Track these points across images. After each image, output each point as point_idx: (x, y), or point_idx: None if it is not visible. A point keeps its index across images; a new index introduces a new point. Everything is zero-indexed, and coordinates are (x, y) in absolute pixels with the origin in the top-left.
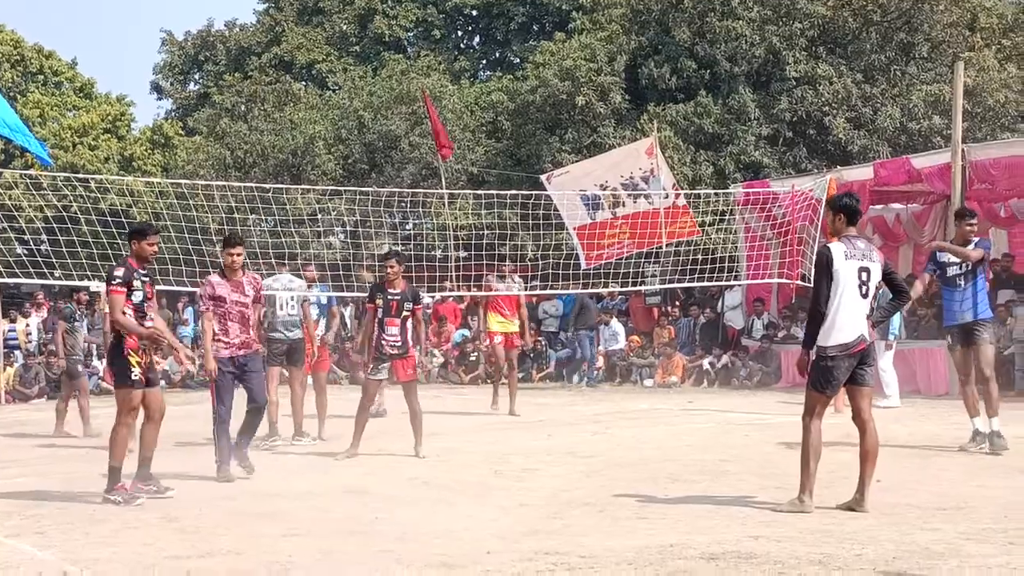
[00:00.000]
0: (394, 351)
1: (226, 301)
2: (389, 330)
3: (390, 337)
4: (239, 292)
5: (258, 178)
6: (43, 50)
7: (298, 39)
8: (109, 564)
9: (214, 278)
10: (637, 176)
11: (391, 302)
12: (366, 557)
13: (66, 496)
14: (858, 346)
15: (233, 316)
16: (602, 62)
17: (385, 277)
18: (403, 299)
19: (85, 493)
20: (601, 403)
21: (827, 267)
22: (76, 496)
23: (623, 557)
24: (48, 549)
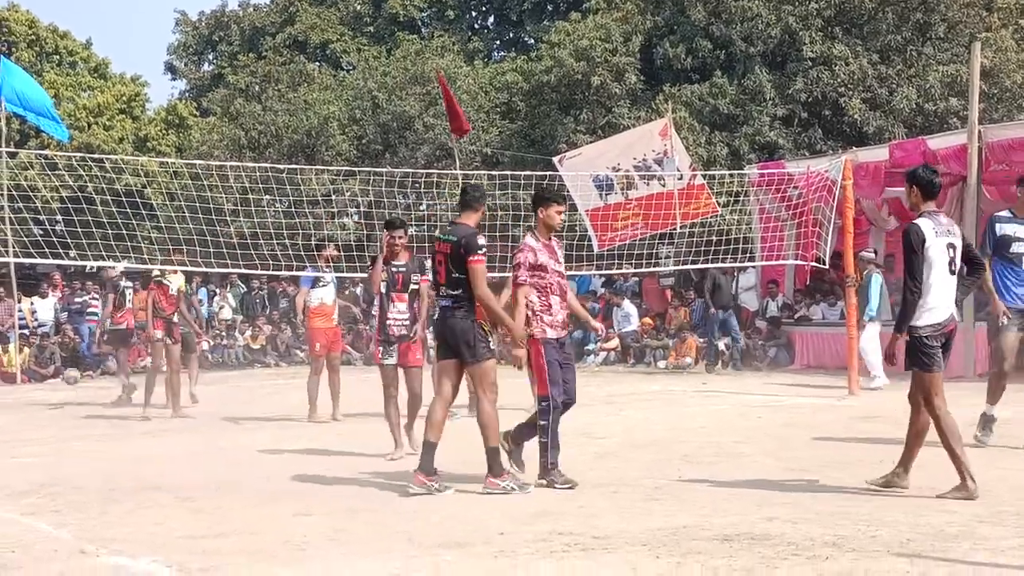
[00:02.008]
0: (402, 331)
1: (547, 271)
2: (396, 307)
3: (398, 316)
4: (556, 260)
5: (272, 159)
6: (58, 30)
7: (312, 19)
8: (125, 543)
9: (532, 242)
10: (650, 158)
11: (396, 275)
12: (379, 537)
13: (82, 475)
14: (949, 325)
15: (555, 289)
16: (617, 42)
17: (388, 249)
18: (409, 271)
19: (100, 472)
20: (614, 384)
21: (920, 245)
22: (91, 475)
23: (637, 538)
24: (64, 527)
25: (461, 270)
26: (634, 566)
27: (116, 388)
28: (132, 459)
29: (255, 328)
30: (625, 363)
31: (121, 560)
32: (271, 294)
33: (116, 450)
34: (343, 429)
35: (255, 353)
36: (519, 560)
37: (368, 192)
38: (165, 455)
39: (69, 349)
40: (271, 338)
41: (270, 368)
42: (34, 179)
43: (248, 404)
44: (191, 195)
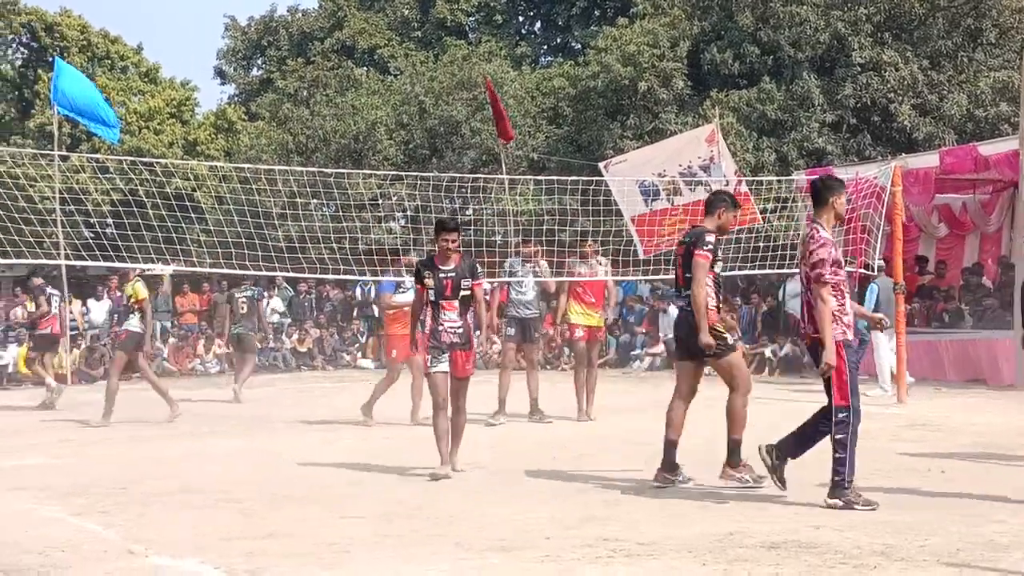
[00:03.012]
0: (455, 340)
1: (842, 266)
2: (447, 315)
3: (449, 323)
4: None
5: (320, 163)
6: (109, 35)
7: (360, 24)
8: (171, 544)
9: (827, 234)
10: (696, 165)
11: (444, 281)
12: (424, 540)
13: (128, 476)
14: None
15: (845, 286)
16: (664, 47)
17: (438, 251)
18: (459, 276)
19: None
20: (661, 390)
21: None
22: (138, 475)
23: (682, 545)
24: (111, 528)
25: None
26: (679, 573)
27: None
28: (179, 460)
29: (302, 331)
30: (671, 368)
31: (168, 561)
32: (318, 298)
33: (163, 451)
34: (393, 433)
35: (302, 356)
36: (564, 565)
37: (415, 196)
38: (213, 456)
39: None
40: (318, 341)
41: (317, 371)
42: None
43: (295, 407)
44: (239, 199)
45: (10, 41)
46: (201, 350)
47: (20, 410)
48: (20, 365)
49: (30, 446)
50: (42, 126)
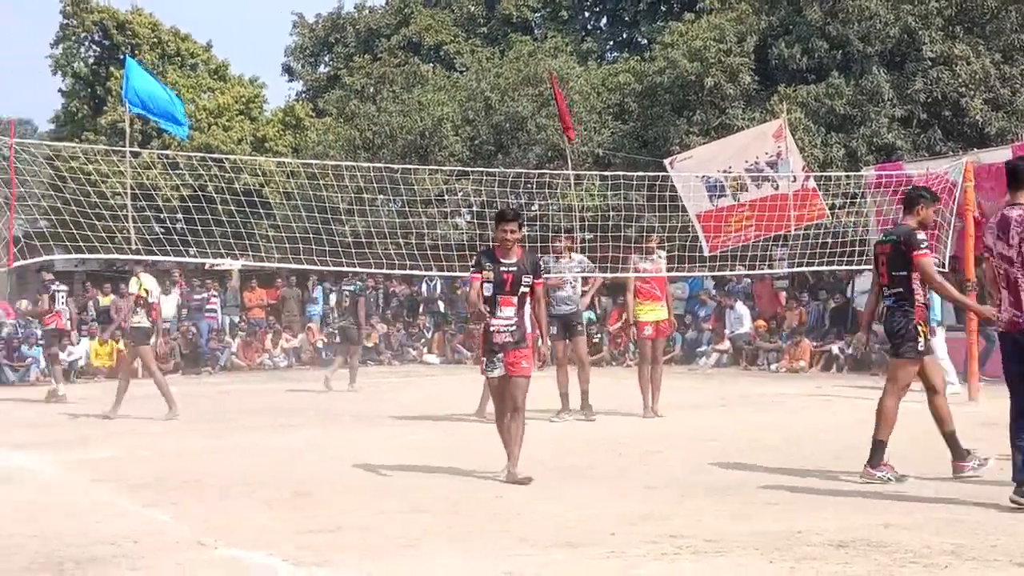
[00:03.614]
0: (508, 339)
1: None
2: (503, 311)
3: (504, 322)
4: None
5: (386, 159)
6: (179, 33)
7: (426, 21)
8: (241, 536)
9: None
10: (762, 161)
11: (504, 275)
12: (490, 534)
13: (199, 468)
14: None
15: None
16: (731, 42)
17: (499, 243)
18: (520, 271)
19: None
20: (727, 387)
21: None
22: (208, 468)
23: (749, 542)
24: (182, 520)
25: (901, 268)
26: (746, 570)
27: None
28: (249, 453)
29: (369, 326)
30: (737, 365)
31: (238, 553)
32: (385, 293)
33: (234, 444)
34: (459, 428)
35: (369, 351)
36: (629, 561)
37: (480, 192)
38: (282, 450)
39: (189, 344)
40: (384, 337)
41: (384, 366)
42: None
43: (363, 402)
44: (307, 194)
45: (83, 39)
46: (269, 344)
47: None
48: (91, 358)
49: (103, 438)
50: (114, 123)
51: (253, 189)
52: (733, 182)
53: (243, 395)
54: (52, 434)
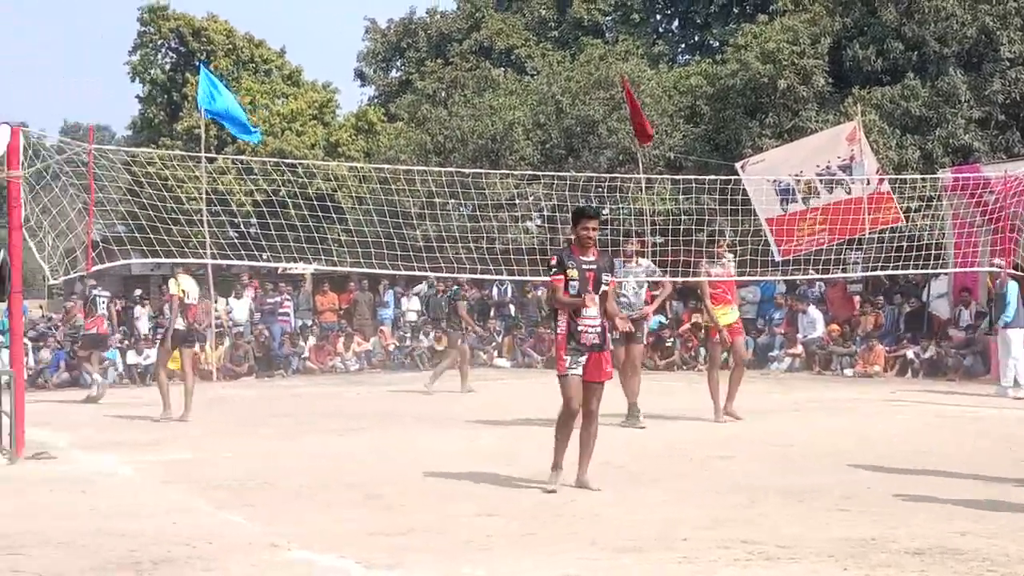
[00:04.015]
0: (595, 340)
1: None
2: (588, 311)
3: (590, 321)
4: None
5: (457, 163)
6: (253, 39)
7: (497, 25)
8: (314, 538)
9: None
10: (835, 165)
11: (587, 273)
12: (561, 538)
13: (272, 470)
14: None
15: None
16: (805, 44)
17: (577, 241)
18: (600, 270)
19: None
20: (799, 392)
21: None
22: (281, 470)
23: (822, 549)
24: (256, 521)
25: None
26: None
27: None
28: (319, 455)
29: (439, 330)
30: (810, 370)
31: (310, 555)
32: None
33: (307, 447)
34: (529, 431)
35: (439, 354)
36: (701, 567)
37: (551, 196)
38: (355, 452)
39: (263, 348)
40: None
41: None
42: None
43: (434, 405)
44: (379, 199)
45: (159, 46)
46: (341, 348)
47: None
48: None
49: (178, 441)
50: (190, 129)
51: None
52: (804, 187)
53: (315, 398)
54: (126, 436)
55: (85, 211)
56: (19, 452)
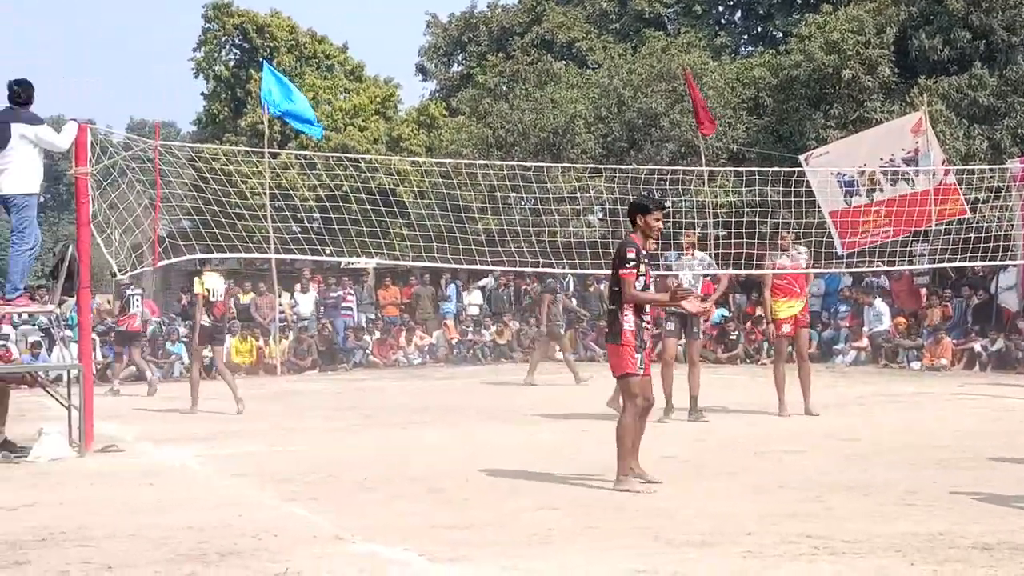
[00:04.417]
0: (647, 337)
1: None
2: (646, 308)
3: (647, 318)
4: None
5: (519, 157)
6: (316, 35)
7: (559, 18)
8: (378, 530)
9: None
10: (899, 157)
11: (648, 269)
12: (624, 532)
13: (336, 463)
14: None
15: None
16: (870, 34)
17: (643, 234)
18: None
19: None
20: (865, 386)
21: None
22: (345, 463)
23: (890, 544)
24: (321, 514)
25: None
26: (887, 572)
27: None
28: (383, 449)
29: (501, 324)
30: (876, 364)
31: (375, 547)
32: (517, 291)
33: (367, 440)
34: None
35: (501, 348)
36: (766, 561)
37: (613, 189)
38: (417, 446)
39: (326, 342)
40: (516, 333)
41: (516, 363)
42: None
43: (495, 399)
44: (440, 193)
45: (223, 43)
46: (403, 342)
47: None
48: (232, 355)
49: (246, 434)
50: (253, 124)
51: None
52: (867, 181)
53: (378, 391)
54: (193, 430)
55: (151, 207)
56: (88, 445)
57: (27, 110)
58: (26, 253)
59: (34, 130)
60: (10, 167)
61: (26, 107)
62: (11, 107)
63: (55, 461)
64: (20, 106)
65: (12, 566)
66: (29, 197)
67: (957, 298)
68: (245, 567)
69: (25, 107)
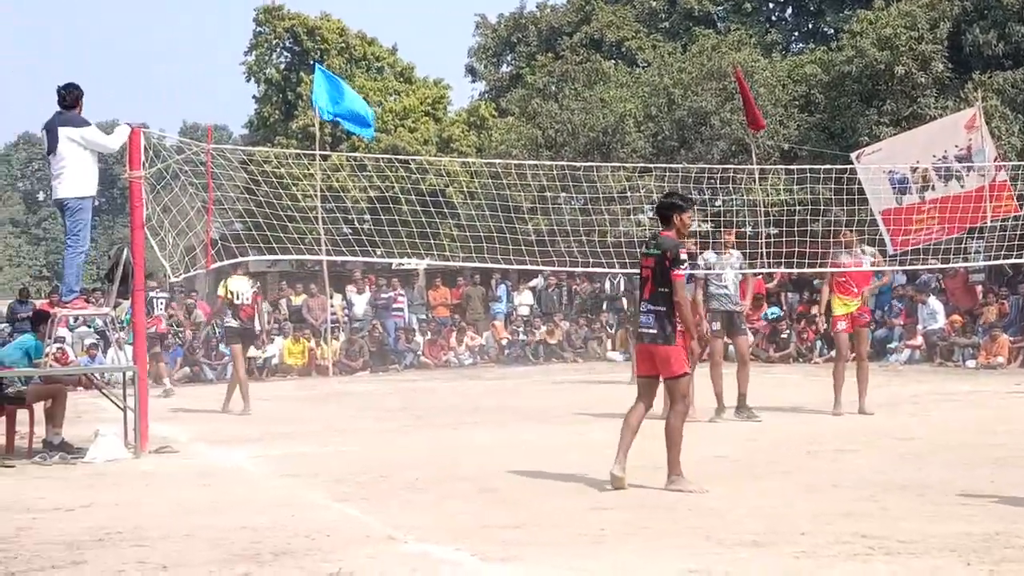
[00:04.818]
0: None
1: None
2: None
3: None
4: None
5: (568, 157)
6: (366, 37)
7: (608, 17)
8: (429, 530)
9: None
10: (951, 154)
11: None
12: (675, 532)
13: (388, 464)
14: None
15: None
16: (923, 29)
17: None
18: None
19: (405, 461)
20: (919, 384)
21: None
22: (397, 464)
23: (945, 544)
24: (373, 514)
25: None
26: (943, 573)
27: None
28: (435, 449)
29: (551, 324)
30: (931, 362)
31: (427, 547)
32: (568, 291)
33: (418, 441)
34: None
35: (551, 348)
36: (820, 561)
37: (663, 188)
38: (469, 447)
39: (376, 343)
40: (567, 334)
41: (567, 363)
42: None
43: (546, 399)
44: (490, 193)
45: (274, 46)
46: (454, 343)
47: (286, 400)
48: (284, 357)
49: (299, 435)
50: (305, 127)
51: (438, 189)
52: (919, 179)
53: (429, 392)
54: (246, 431)
55: (204, 209)
56: (143, 446)
57: (73, 113)
58: (80, 256)
59: (79, 132)
60: (64, 172)
61: (72, 110)
62: (59, 112)
63: (111, 462)
64: (67, 110)
65: (70, 566)
66: (83, 200)
67: (1013, 295)
68: (298, 567)
69: (71, 110)
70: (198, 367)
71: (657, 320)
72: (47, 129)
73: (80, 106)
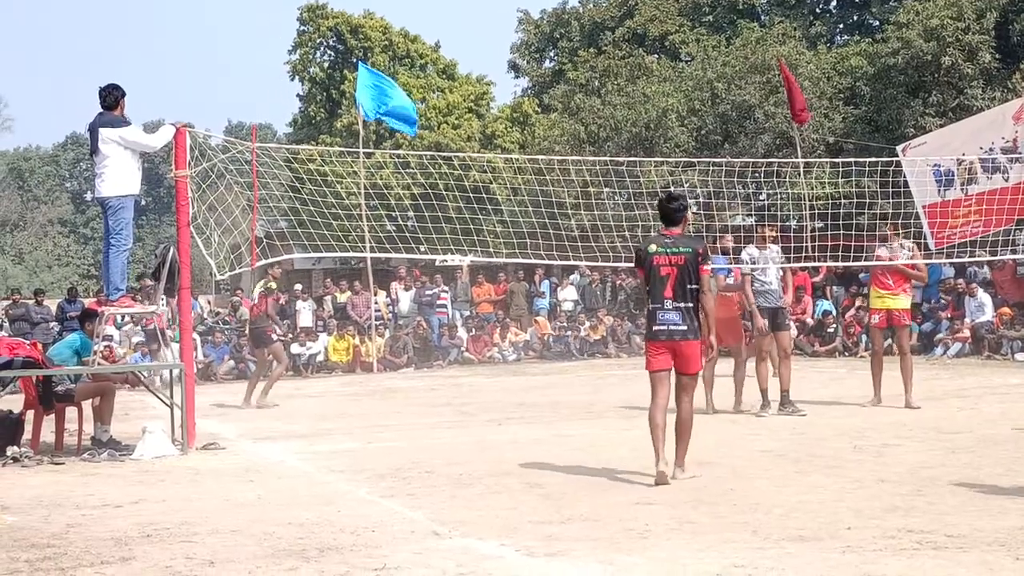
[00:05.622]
0: None
1: None
2: None
3: None
4: None
5: (611, 152)
6: (409, 35)
7: (651, 11)
8: (474, 526)
9: None
10: (997, 146)
11: None
12: (720, 527)
13: (433, 459)
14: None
15: None
16: (970, 19)
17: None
18: None
19: (450, 456)
20: (966, 377)
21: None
22: (442, 459)
23: (994, 538)
24: (418, 509)
25: None
26: (991, 567)
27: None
28: (479, 445)
29: (595, 319)
30: (979, 355)
31: (471, 542)
32: (612, 286)
33: (463, 436)
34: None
35: (595, 344)
36: (867, 556)
37: (707, 183)
38: (513, 442)
39: (420, 339)
40: (610, 329)
41: (610, 359)
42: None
43: (590, 394)
44: (534, 189)
45: (318, 45)
46: (498, 339)
47: (331, 396)
48: (329, 354)
49: (344, 431)
50: (349, 125)
51: (481, 186)
52: (963, 172)
53: (473, 388)
54: (292, 427)
55: (249, 208)
56: (190, 443)
57: (114, 113)
58: (124, 254)
59: (118, 132)
60: (105, 171)
61: (113, 111)
62: (101, 112)
63: (158, 459)
64: (108, 110)
65: (118, 561)
66: (124, 199)
67: None
68: (344, 562)
69: (112, 111)
70: (243, 363)
71: (687, 316)
72: (90, 130)
73: (121, 106)
